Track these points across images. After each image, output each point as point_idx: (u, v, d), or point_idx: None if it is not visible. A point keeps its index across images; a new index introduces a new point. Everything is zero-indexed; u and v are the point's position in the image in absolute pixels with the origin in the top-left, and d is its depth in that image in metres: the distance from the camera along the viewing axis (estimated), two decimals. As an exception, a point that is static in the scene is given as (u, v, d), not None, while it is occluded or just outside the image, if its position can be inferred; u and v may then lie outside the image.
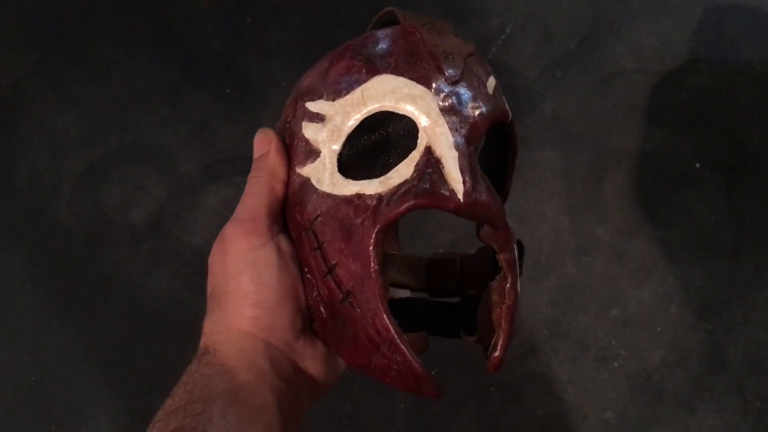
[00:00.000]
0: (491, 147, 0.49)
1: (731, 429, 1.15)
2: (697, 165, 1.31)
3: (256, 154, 0.46)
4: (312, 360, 0.46)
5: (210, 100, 1.42)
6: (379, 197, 0.41)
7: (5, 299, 1.30)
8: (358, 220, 0.41)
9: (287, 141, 0.46)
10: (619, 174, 1.31)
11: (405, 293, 0.55)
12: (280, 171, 0.45)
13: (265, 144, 0.46)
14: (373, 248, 0.41)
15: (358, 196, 0.42)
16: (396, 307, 0.46)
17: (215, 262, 0.45)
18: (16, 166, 1.39)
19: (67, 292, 1.30)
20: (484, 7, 1.46)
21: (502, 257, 0.44)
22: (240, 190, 0.47)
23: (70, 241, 1.33)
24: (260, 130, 0.47)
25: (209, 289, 0.45)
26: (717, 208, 1.28)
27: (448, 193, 0.40)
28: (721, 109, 1.35)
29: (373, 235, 0.41)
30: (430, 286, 0.54)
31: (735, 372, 1.18)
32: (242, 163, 1.36)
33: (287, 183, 0.46)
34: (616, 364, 1.20)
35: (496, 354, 0.43)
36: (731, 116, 1.34)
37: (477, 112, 0.43)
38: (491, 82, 0.46)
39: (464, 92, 0.43)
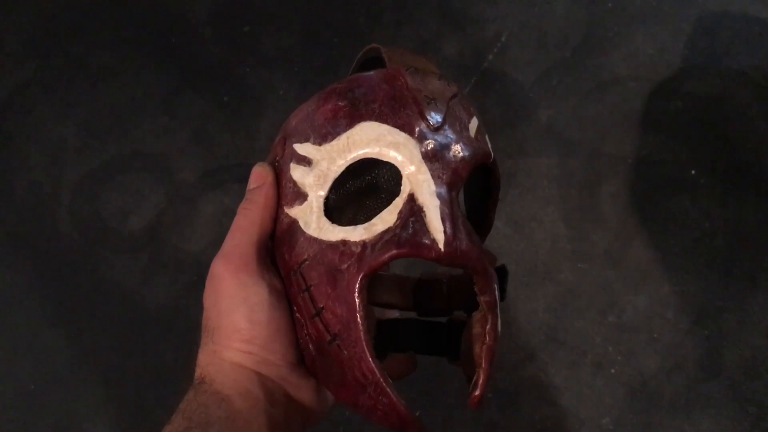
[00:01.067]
0: (475, 181, 0.50)
1: (727, 434, 1.16)
2: (693, 171, 1.31)
3: (250, 186, 0.47)
4: (305, 391, 0.46)
5: (208, 107, 1.43)
6: (364, 244, 0.42)
7: (4, 307, 1.30)
8: (344, 266, 0.42)
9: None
10: (614, 180, 1.31)
11: (394, 313, 0.56)
12: (272, 207, 0.46)
13: (261, 177, 0.47)
14: (358, 294, 0.41)
15: (344, 242, 0.43)
16: (384, 328, 0.47)
17: (208, 299, 0.45)
18: (14, 174, 1.40)
19: (66, 300, 1.30)
20: (480, 15, 1.47)
21: (482, 299, 0.45)
22: (238, 197, 0.47)
23: (68, 248, 1.34)
24: (259, 164, 0.48)
25: (203, 322, 0.46)
26: (712, 214, 1.28)
27: (429, 242, 0.41)
28: (716, 116, 1.36)
29: (358, 282, 0.41)
30: (418, 305, 0.55)
31: (731, 377, 1.19)
32: (240, 171, 1.37)
33: (276, 220, 0.46)
34: (612, 370, 1.20)
35: (476, 393, 0.44)
36: (726, 123, 1.35)
37: (459, 158, 0.44)
38: (474, 123, 0.46)
39: (446, 138, 0.44)
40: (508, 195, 1.30)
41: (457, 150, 0.44)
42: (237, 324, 0.44)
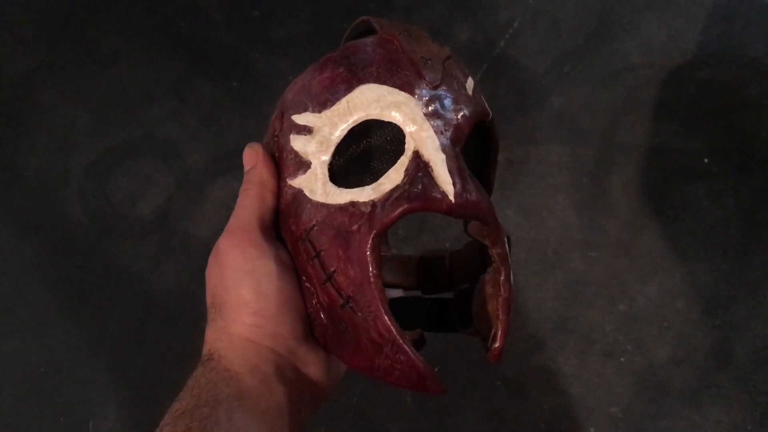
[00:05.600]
0: (473, 144, 0.50)
1: (737, 424, 1.15)
2: (705, 160, 1.30)
3: (245, 168, 0.48)
4: (314, 365, 0.46)
5: (217, 93, 1.42)
6: (373, 203, 0.42)
7: (14, 291, 1.30)
8: (354, 227, 0.42)
9: (276, 154, 0.47)
10: (626, 169, 1.31)
11: (398, 293, 0.56)
12: (269, 182, 0.47)
13: (252, 158, 0.47)
14: (371, 253, 0.42)
15: (352, 203, 0.43)
16: (390, 307, 0.47)
17: (212, 275, 0.46)
18: (24, 158, 1.40)
19: (75, 284, 1.30)
20: (492, 1, 1.45)
21: (494, 252, 0.45)
22: None
23: (78, 233, 1.34)
24: (248, 145, 0.48)
25: (209, 299, 0.46)
26: (725, 204, 1.27)
27: (439, 196, 0.42)
28: (730, 104, 1.34)
29: (370, 241, 0.42)
30: (422, 283, 0.55)
31: (741, 367, 1.18)
32: (249, 157, 1.36)
33: (279, 194, 0.47)
34: (622, 359, 1.20)
35: (497, 345, 0.44)
36: (740, 111, 1.34)
37: (460, 114, 0.44)
38: (470, 83, 0.47)
39: (446, 96, 0.44)
40: (518, 183, 1.29)
41: (458, 107, 0.44)
42: (244, 297, 0.44)
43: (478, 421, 1.18)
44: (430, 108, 0.43)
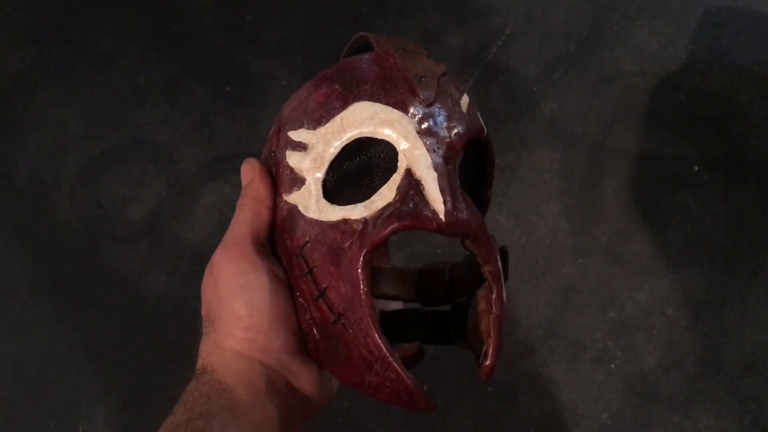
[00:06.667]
0: (469, 160, 0.50)
1: (726, 430, 1.16)
2: (695, 167, 1.31)
3: (243, 183, 0.48)
4: (306, 380, 0.47)
5: (210, 96, 1.42)
6: (365, 221, 0.42)
7: (3, 294, 1.30)
8: (346, 245, 0.42)
9: (273, 169, 0.48)
10: (617, 175, 1.31)
11: (397, 305, 0.56)
12: (265, 197, 0.47)
13: (249, 173, 0.48)
14: (362, 271, 0.42)
15: (345, 221, 0.43)
16: (389, 319, 0.47)
17: (207, 288, 0.46)
18: (15, 160, 1.39)
19: (66, 288, 1.30)
20: (484, 7, 1.46)
21: (486, 269, 0.45)
22: (239, 187, 0.48)
23: (68, 236, 1.33)
24: (246, 160, 0.49)
25: (203, 312, 0.46)
26: (714, 210, 1.28)
27: (430, 214, 0.42)
28: (720, 112, 1.35)
29: (361, 258, 0.42)
30: (421, 296, 0.55)
31: (731, 374, 1.19)
32: (241, 161, 1.36)
33: (275, 209, 0.47)
34: (612, 366, 1.20)
35: (487, 363, 0.44)
36: (730, 118, 1.34)
37: (453, 132, 0.44)
38: (465, 100, 0.47)
39: (439, 113, 0.44)
40: (509, 189, 1.29)
41: (451, 125, 0.44)
42: (237, 311, 0.44)
43: (469, 426, 1.18)
44: (423, 126, 0.43)
